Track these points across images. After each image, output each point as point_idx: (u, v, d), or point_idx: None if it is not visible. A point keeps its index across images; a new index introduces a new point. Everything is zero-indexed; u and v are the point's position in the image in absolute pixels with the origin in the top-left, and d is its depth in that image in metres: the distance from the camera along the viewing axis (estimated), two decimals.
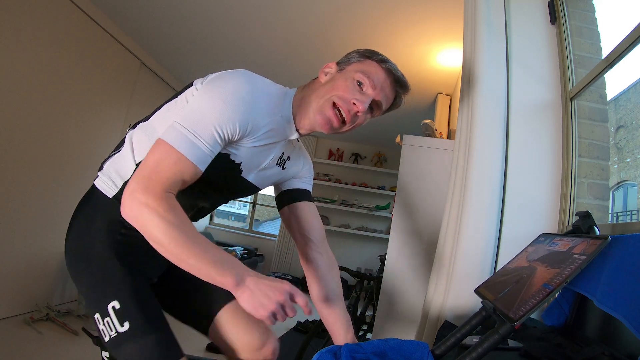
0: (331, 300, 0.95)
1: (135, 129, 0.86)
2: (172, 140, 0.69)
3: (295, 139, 0.97)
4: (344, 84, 0.82)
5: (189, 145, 0.69)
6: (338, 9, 2.23)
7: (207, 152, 0.71)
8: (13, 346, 1.90)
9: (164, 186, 0.67)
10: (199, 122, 0.70)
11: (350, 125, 0.85)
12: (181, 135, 0.69)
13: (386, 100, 0.87)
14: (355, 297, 2.43)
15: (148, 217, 0.65)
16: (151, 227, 0.65)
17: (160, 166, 0.67)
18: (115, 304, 0.74)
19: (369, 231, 4.73)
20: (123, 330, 0.73)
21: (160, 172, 0.67)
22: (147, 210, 0.64)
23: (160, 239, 0.65)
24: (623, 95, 4.74)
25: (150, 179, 0.66)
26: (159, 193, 0.66)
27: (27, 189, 2.29)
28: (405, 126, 3.51)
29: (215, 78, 0.77)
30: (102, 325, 0.75)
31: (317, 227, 0.99)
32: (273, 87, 0.84)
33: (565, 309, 0.91)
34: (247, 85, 0.75)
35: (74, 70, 2.51)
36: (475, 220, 1.16)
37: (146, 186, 0.66)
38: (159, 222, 0.64)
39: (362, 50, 0.88)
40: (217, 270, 0.65)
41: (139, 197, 0.65)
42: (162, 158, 0.68)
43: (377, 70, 0.84)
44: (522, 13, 1.40)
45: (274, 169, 0.93)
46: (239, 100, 0.73)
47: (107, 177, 0.84)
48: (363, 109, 0.82)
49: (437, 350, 0.75)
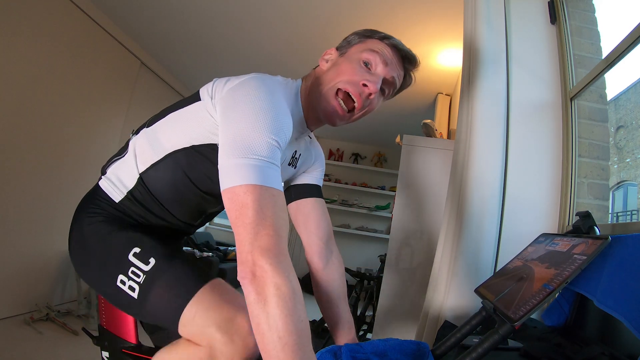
0: (335, 299, 0.93)
1: (139, 135, 0.83)
2: (250, 179, 0.58)
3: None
4: (349, 67, 0.77)
5: (267, 173, 0.60)
6: (338, 9, 2.23)
7: (278, 168, 0.63)
8: (13, 346, 1.90)
9: (274, 240, 0.57)
10: (258, 141, 0.61)
11: (362, 111, 0.79)
12: (254, 168, 0.59)
13: (398, 77, 0.81)
14: (355, 297, 2.43)
15: (274, 301, 0.53)
16: (263, 323, 0.53)
17: (266, 214, 0.57)
18: (135, 249, 0.72)
19: (369, 231, 4.73)
20: (149, 267, 0.69)
21: (266, 224, 0.57)
22: (272, 289, 0.54)
23: (269, 325, 0.53)
24: (623, 95, 4.75)
25: (268, 250, 0.56)
26: (273, 253, 0.56)
27: (27, 189, 2.29)
28: (405, 126, 3.51)
29: (234, 92, 0.69)
30: (129, 280, 0.70)
31: (324, 225, 0.95)
32: (284, 84, 0.79)
33: (565, 309, 0.91)
34: (268, 90, 0.68)
35: (74, 70, 2.51)
36: (475, 220, 1.16)
37: (271, 262, 0.55)
38: (277, 303, 0.53)
39: (361, 30, 0.83)
40: None
41: (264, 268, 0.54)
42: (260, 204, 0.57)
43: (382, 47, 0.79)
44: (522, 13, 1.40)
45: (287, 169, 0.90)
46: (277, 107, 0.66)
47: (111, 182, 0.81)
48: (375, 89, 0.76)
49: (437, 350, 0.75)
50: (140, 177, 0.79)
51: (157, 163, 0.78)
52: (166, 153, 0.77)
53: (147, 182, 0.79)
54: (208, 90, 0.75)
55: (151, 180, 0.79)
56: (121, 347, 0.85)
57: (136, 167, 0.79)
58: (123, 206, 0.80)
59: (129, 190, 0.80)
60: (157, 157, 0.78)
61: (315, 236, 0.94)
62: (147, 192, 0.79)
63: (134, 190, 0.80)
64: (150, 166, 0.79)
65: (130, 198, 0.80)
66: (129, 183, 0.80)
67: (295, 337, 0.53)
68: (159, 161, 0.78)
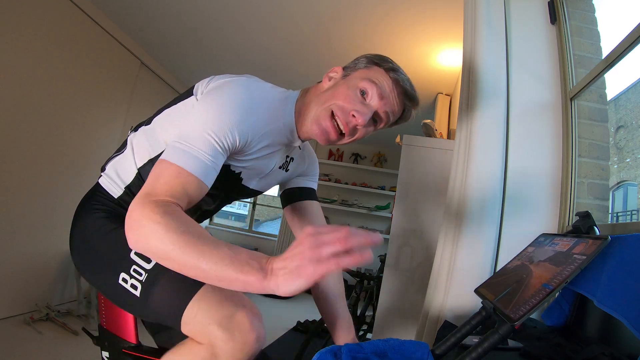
0: (333, 298, 0.95)
1: (137, 132, 0.85)
2: (170, 157, 0.65)
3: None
4: (345, 93, 0.77)
5: (187, 157, 0.64)
6: (338, 9, 2.23)
7: (208, 164, 0.66)
8: (13, 346, 1.90)
9: (161, 197, 0.61)
10: (195, 133, 0.66)
11: (349, 138, 0.80)
12: (179, 150, 0.65)
13: (392, 113, 0.82)
14: (355, 297, 2.43)
15: (146, 231, 0.57)
16: (151, 239, 0.57)
17: (159, 181, 0.63)
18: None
19: (369, 231, 4.73)
20: (151, 265, 0.70)
21: (158, 187, 0.63)
22: (144, 223, 0.57)
23: (161, 248, 0.56)
24: (623, 95, 4.75)
25: (147, 194, 0.62)
26: (158, 201, 0.60)
27: (27, 189, 2.29)
28: (405, 126, 3.50)
29: (214, 88, 0.74)
30: (131, 279, 0.70)
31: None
32: (273, 92, 0.80)
33: (565, 309, 0.91)
34: (244, 93, 0.71)
35: (74, 70, 2.51)
36: (475, 220, 1.16)
37: (143, 202, 0.60)
38: (157, 229, 0.56)
39: (370, 55, 0.83)
40: (235, 268, 0.53)
41: (136, 214, 0.59)
42: (160, 173, 0.64)
43: (383, 80, 0.78)
44: (522, 13, 1.40)
45: (277, 173, 0.92)
46: (236, 108, 0.69)
47: (110, 178, 0.84)
48: (363, 122, 0.76)
49: (437, 350, 0.75)
50: (138, 172, 0.81)
51: (153, 158, 0.80)
52: (162, 149, 0.79)
53: (144, 177, 0.80)
54: (202, 85, 0.78)
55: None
56: (121, 347, 0.85)
57: (134, 163, 0.81)
58: (122, 202, 0.82)
59: (127, 185, 0.82)
60: (155, 153, 0.80)
61: None
62: None
63: (132, 185, 0.82)
64: (148, 161, 0.80)
65: (128, 193, 0.82)
66: (127, 178, 0.82)
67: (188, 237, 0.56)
68: (156, 157, 0.80)
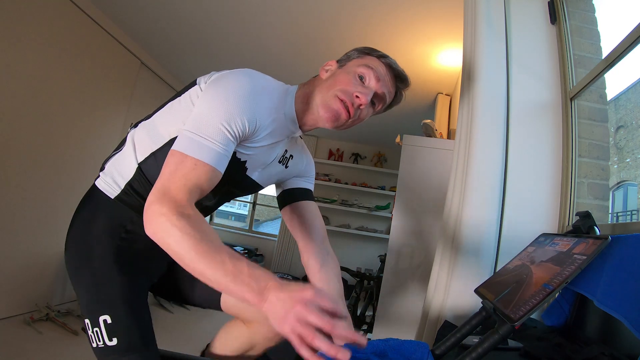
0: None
1: (137, 128, 0.86)
2: (183, 148, 0.68)
3: (298, 137, 0.98)
4: (345, 78, 0.83)
5: (200, 148, 0.68)
6: (339, 9, 2.23)
7: (221, 152, 0.70)
8: (13, 346, 1.90)
9: (180, 195, 0.64)
10: (206, 123, 0.69)
11: (353, 119, 0.85)
12: (191, 141, 0.68)
13: (389, 94, 0.88)
14: (355, 297, 2.43)
15: (164, 228, 0.61)
16: (167, 238, 0.61)
17: (176, 175, 0.66)
18: (107, 317, 0.76)
19: (369, 231, 4.73)
20: (111, 344, 0.75)
21: (175, 181, 0.65)
22: (163, 220, 0.61)
23: (176, 250, 0.61)
24: (623, 95, 4.75)
25: (166, 188, 0.65)
26: (176, 202, 0.63)
27: (27, 189, 2.29)
28: (405, 126, 3.51)
29: (217, 78, 0.77)
30: (91, 332, 0.76)
31: (318, 227, 1.00)
32: (275, 84, 0.84)
33: (565, 309, 0.91)
34: (248, 83, 0.75)
35: (74, 70, 2.51)
36: (475, 220, 1.16)
37: (162, 197, 0.63)
38: (174, 232, 0.60)
39: (361, 47, 0.90)
40: (235, 284, 0.58)
41: (155, 208, 0.63)
42: (176, 167, 0.67)
43: (378, 65, 0.85)
44: (522, 13, 1.40)
45: (277, 166, 0.93)
46: (242, 97, 0.73)
47: (109, 177, 0.84)
48: (366, 101, 0.82)
49: (437, 350, 0.75)
50: (139, 167, 0.81)
51: (155, 152, 0.80)
52: (164, 142, 0.80)
53: (145, 172, 0.81)
54: (205, 78, 0.81)
55: (150, 169, 0.81)
56: None
57: (135, 158, 0.82)
58: (119, 204, 0.82)
59: (128, 181, 0.82)
60: (156, 146, 0.80)
61: (311, 237, 0.98)
62: (146, 181, 0.81)
63: (132, 181, 0.82)
64: (149, 155, 0.81)
65: (127, 191, 0.82)
66: (127, 174, 0.82)
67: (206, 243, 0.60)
68: (157, 150, 0.80)
